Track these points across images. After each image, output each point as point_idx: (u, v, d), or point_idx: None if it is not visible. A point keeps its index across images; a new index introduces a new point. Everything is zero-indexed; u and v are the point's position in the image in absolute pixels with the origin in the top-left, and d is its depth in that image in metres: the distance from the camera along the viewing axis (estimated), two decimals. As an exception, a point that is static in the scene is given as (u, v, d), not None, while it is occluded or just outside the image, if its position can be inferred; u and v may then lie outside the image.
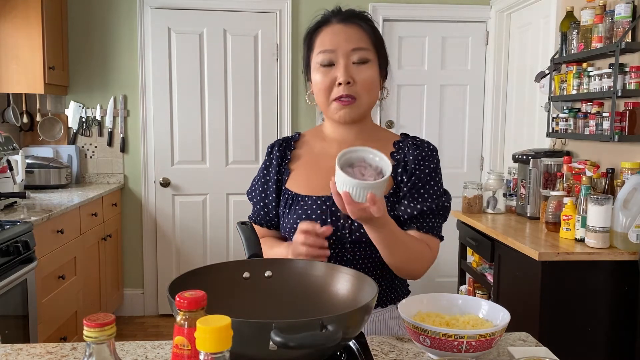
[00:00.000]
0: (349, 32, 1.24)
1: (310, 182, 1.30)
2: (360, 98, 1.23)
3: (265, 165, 1.36)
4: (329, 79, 1.23)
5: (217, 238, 4.00)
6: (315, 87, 1.26)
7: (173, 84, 3.86)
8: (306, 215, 1.25)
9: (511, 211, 2.99)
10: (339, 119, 1.26)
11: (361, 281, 1.01)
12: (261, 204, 1.35)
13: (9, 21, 3.29)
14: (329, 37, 1.24)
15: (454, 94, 4.09)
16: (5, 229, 2.25)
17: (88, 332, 0.67)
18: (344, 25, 1.25)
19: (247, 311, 0.98)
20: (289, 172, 1.33)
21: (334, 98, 1.24)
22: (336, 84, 1.22)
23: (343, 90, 1.22)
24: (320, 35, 1.26)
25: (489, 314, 1.09)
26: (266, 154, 1.38)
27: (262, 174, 1.36)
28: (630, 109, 2.44)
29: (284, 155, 1.35)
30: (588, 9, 2.64)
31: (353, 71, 1.22)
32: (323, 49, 1.23)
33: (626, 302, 2.19)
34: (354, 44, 1.22)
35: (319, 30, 1.27)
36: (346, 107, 1.23)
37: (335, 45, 1.22)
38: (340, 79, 1.21)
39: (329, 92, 1.24)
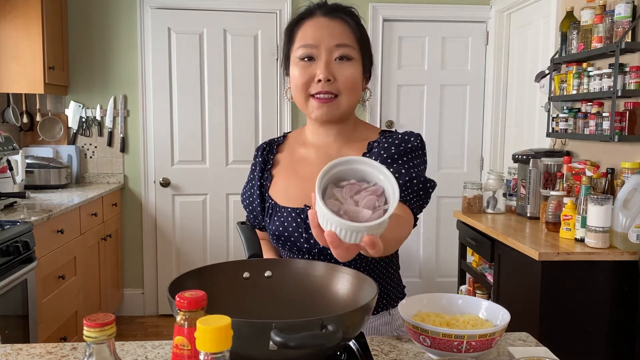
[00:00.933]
0: (332, 27, 1.17)
1: (287, 190, 1.25)
2: (340, 96, 1.16)
3: (251, 169, 1.34)
4: (308, 74, 1.16)
5: (217, 238, 4.00)
6: (293, 82, 1.19)
7: (173, 84, 3.86)
8: (283, 228, 1.20)
9: (511, 211, 2.99)
10: (316, 118, 1.19)
11: (361, 281, 1.01)
12: (249, 208, 1.34)
13: (9, 21, 3.29)
14: (312, 31, 1.17)
15: (454, 94, 4.09)
16: (5, 229, 2.25)
17: (88, 332, 0.67)
18: (329, 20, 1.17)
19: (247, 311, 0.99)
20: (271, 178, 1.29)
21: (311, 93, 1.17)
22: (315, 80, 1.15)
23: (322, 87, 1.15)
24: (302, 28, 1.19)
25: (489, 314, 1.09)
26: (254, 157, 1.35)
27: (249, 179, 1.35)
28: (630, 109, 2.44)
29: (266, 159, 1.31)
30: (588, 9, 2.64)
31: (334, 68, 1.15)
32: (304, 43, 1.16)
33: (626, 302, 2.19)
34: (338, 39, 1.15)
35: (301, 23, 1.20)
36: (325, 104, 1.16)
37: (318, 40, 1.15)
38: (320, 75, 1.14)
39: (306, 88, 1.17)
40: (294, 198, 1.22)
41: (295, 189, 1.24)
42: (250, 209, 1.34)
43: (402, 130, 1.29)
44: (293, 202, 1.22)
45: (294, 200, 1.22)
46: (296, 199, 1.22)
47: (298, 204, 1.21)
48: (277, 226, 1.22)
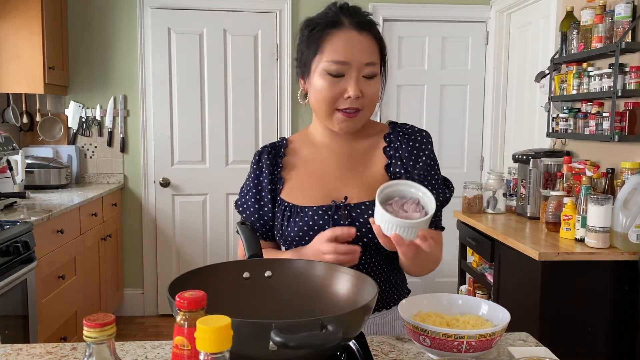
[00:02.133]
0: (363, 43, 1.18)
1: (306, 191, 1.26)
2: (364, 110, 1.20)
3: (255, 174, 1.30)
4: (337, 89, 1.18)
5: (217, 238, 4.00)
6: (319, 94, 1.20)
7: (173, 84, 3.86)
8: (308, 227, 1.21)
9: (511, 211, 2.99)
10: (340, 130, 1.23)
11: (361, 281, 1.01)
12: (256, 215, 1.28)
13: (9, 21, 3.29)
14: (344, 46, 1.17)
15: (454, 94, 4.09)
16: (5, 229, 2.25)
17: (88, 332, 0.67)
18: (358, 34, 1.18)
19: (247, 311, 0.98)
20: (282, 181, 1.28)
21: (339, 108, 1.19)
22: (344, 97, 1.17)
23: (351, 103, 1.17)
24: (332, 40, 1.18)
25: (489, 314, 1.09)
26: (254, 162, 1.31)
27: (252, 184, 1.30)
28: (630, 109, 2.44)
29: (274, 163, 1.29)
30: (588, 9, 2.64)
31: (362, 85, 1.18)
32: (336, 59, 1.17)
33: (626, 302, 2.19)
34: (368, 58, 1.18)
35: (330, 33, 1.18)
36: (350, 119, 1.20)
37: (350, 58, 1.16)
38: (351, 93, 1.16)
39: (334, 102, 1.19)
40: (316, 197, 1.24)
41: (314, 189, 1.25)
42: (257, 216, 1.29)
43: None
44: (316, 201, 1.24)
45: (316, 199, 1.24)
46: (318, 198, 1.24)
47: (322, 201, 1.23)
48: (300, 227, 1.22)
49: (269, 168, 1.28)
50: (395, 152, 1.26)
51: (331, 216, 1.21)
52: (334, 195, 1.23)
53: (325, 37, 1.19)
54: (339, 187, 1.25)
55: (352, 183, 1.25)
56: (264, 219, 1.28)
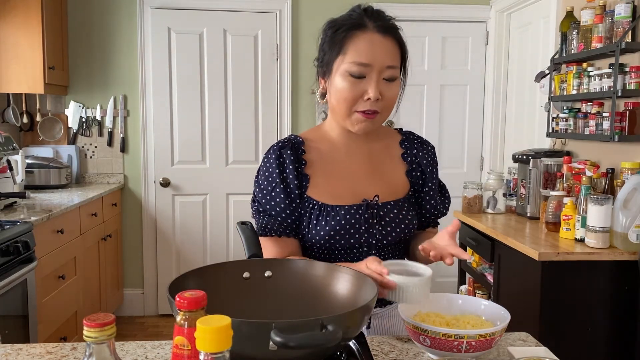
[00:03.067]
0: (386, 46, 1.20)
1: (335, 190, 1.26)
2: (382, 112, 1.22)
3: (278, 170, 1.25)
4: (358, 91, 1.19)
5: (217, 238, 4.00)
6: (339, 94, 1.21)
7: (173, 84, 3.86)
8: (340, 226, 1.22)
9: (511, 211, 2.99)
10: (357, 131, 1.24)
11: (361, 281, 1.01)
12: (287, 211, 1.24)
13: (9, 21, 3.29)
14: (367, 48, 1.19)
15: (454, 94, 4.09)
16: (5, 229, 2.25)
17: (88, 332, 0.67)
18: (382, 37, 1.20)
19: (247, 311, 0.99)
20: (308, 178, 1.26)
21: (358, 110, 1.20)
22: (364, 98, 1.19)
23: (370, 105, 1.19)
24: (355, 41, 1.19)
25: (489, 314, 1.09)
26: (274, 158, 1.26)
27: (278, 180, 1.25)
28: (630, 109, 2.44)
29: (297, 159, 1.27)
30: (588, 9, 2.64)
31: (383, 87, 1.20)
32: (359, 61, 1.18)
33: (626, 302, 2.19)
34: (389, 61, 1.20)
35: (353, 34, 1.20)
36: (368, 120, 1.21)
37: (372, 60, 1.18)
38: (371, 95, 1.18)
39: (354, 103, 1.20)
40: (345, 196, 1.26)
41: (343, 188, 1.27)
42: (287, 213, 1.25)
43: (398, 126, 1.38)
44: (346, 200, 1.26)
45: (346, 198, 1.26)
46: (348, 197, 1.26)
47: (352, 200, 1.26)
48: (333, 226, 1.23)
49: (293, 164, 1.26)
50: (413, 160, 1.35)
51: (362, 215, 1.24)
52: (363, 194, 1.27)
53: (349, 39, 1.20)
54: (367, 187, 1.28)
55: (378, 183, 1.30)
56: (295, 216, 1.25)
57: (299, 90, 3.93)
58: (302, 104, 3.95)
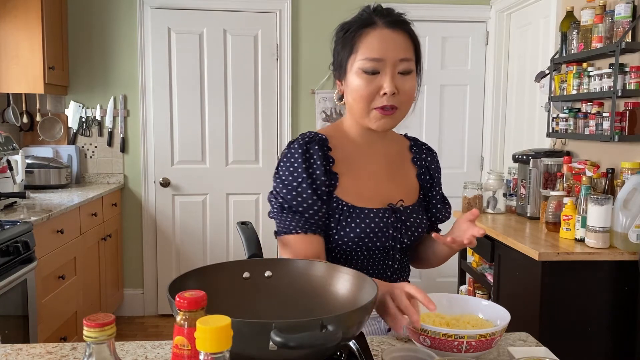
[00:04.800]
0: (397, 40, 1.19)
1: (361, 191, 1.25)
2: (401, 108, 1.21)
3: (305, 165, 1.21)
4: (373, 87, 1.18)
5: (217, 238, 4.01)
6: (355, 92, 1.20)
7: (173, 84, 3.86)
8: (370, 229, 1.22)
9: (511, 211, 2.99)
10: (377, 128, 1.22)
11: (361, 281, 1.01)
12: (314, 207, 1.20)
13: (9, 21, 3.29)
14: (377, 44, 1.18)
15: (454, 94, 4.09)
16: (5, 229, 2.25)
17: (88, 332, 0.67)
18: (392, 31, 1.19)
19: (247, 311, 0.98)
20: (337, 177, 1.24)
21: (375, 107, 1.19)
22: (380, 94, 1.18)
23: (387, 100, 1.18)
24: (366, 39, 1.19)
25: (489, 314, 1.09)
26: (299, 153, 1.22)
27: (305, 175, 1.21)
28: (630, 109, 2.44)
29: (325, 156, 1.24)
30: (588, 9, 2.64)
31: (398, 82, 1.18)
32: (371, 56, 1.18)
33: (626, 302, 2.19)
34: (402, 54, 1.19)
35: (363, 32, 1.20)
36: (387, 117, 1.20)
37: (384, 54, 1.17)
38: (386, 89, 1.17)
39: (370, 100, 1.19)
40: (373, 199, 1.26)
41: (369, 190, 1.27)
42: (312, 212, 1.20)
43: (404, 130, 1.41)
44: (373, 203, 1.26)
45: (373, 201, 1.26)
46: (375, 200, 1.26)
47: (379, 204, 1.26)
48: (363, 228, 1.22)
49: (321, 160, 1.22)
50: (422, 164, 1.37)
51: (388, 219, 1.25)
52: (387, 197, 1.27)
53: (359, 37, 1.20)
54: (389, 189, 1.29)
55: (398, 186, 1.31)
56: (322, 212, 1.21)
57: (299, 90, 3.93)
58: (302, 104, 3.95)
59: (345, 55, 1.23)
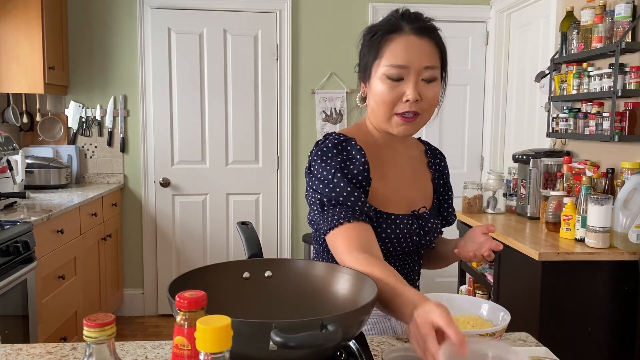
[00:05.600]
0: (423, 48, 1.18)
1: (387, 196, 1.25)
2: (423, 115, 1.21)
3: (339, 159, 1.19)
4: (396, 93, 1.18)
5: (217, 238, 4.00)
6: (379, 98, 1.20)
7: (173, 84, 3.86)
8: (394, 235, 1.23)
9: (511, 211, 2.99)
10: (397, 134, 1.22)
11: (361, 281, 1.01)
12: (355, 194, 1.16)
13: (9, 21, 3.28)
14: (403, 50, 1.17)
15: (454, 94, 4.08)
16: (5, 229, 2.25)
17: (88, 332, 0.67)
18: (418, 38, 1.18)
19: (247, 311, 0.99)
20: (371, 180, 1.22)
21: (397, 112, 1.19)
22: (403, 100, 1.18)
23: (409, 107, 1.17)
24: (392, 45, 1.19)
25: (489, 314, 1.09)
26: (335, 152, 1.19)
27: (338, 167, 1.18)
28: (630, 109, 2.44)
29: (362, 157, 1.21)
30: (588, 9, 2.64)
31: (422, 89, 1.18)
32: (396, 63, 1.17)
33: (626, 302, 2.19)
34: (427, 61, 1.18)
35: (389, 38, 1.19)
36: (408, 123, 1.20)
37: (409, 62, 1.17)
38: (409, 96, 1.16)
39: (393, 105, 1.19)
40: (399, 205, 1.27)
41: (392, 194, 1.27)
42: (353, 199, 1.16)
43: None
44: (400, 209, 1.27)
45: (399, 207, 1.27)
46: (401, 206, 1.27)
47: (404, 210, 1.27)
48: (388, 234, 1.23)
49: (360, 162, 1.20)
50: (436, 168, 1.39)
51: (412, 225, 1.26)
52: (410, 203, 1.29)
53: (385, 42, 1.20)
54: (413, 194, 1.30)
55: (419, 190, 1.33)
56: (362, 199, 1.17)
57: (299, 90, 3.93)
58: (302, 104, 3.95)
59: (371, 60, 1.22)
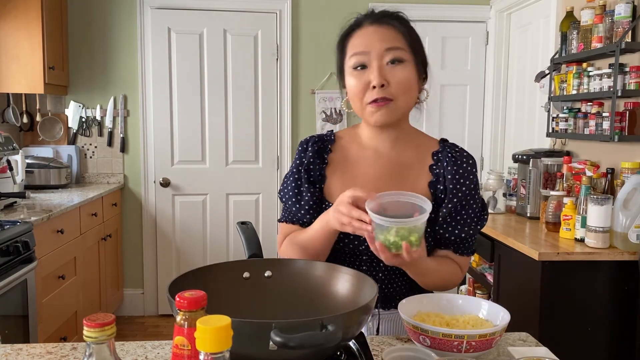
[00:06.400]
0: (382, 33, 1.18)
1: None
2: (396, 100, 1.17)
3: (299, 161, 1.29)
4: (362, 82, 1.17)
5: (217, 238, 4.00)
6: (350, 92, 1.21)
7: (173, 84, 3.86)
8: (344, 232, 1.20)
9: (511, 211, 2.99)
10: (374, 123, 1.20)
11: (361, 281, 1.01)
12: (293, 199, 1.27)
13: (9, 21, 3.29)
14: (362, 39, 1.19)
15: (454, 94, 4.09)
16: (5, 229, 2.25)
17: (88, 332, 0.67)
18: (377, 26, 1.19)
19: (247, 311, 0.99)
20: (325, 178, 1.26)
21: (368, 102, 1.18)
22: (370, 87, 1.16)
23: (377, 93, 1.16)
24: (352, 39, 1.21)
25: (489, 314, 1.09)
26: (300, 151, 1.30)
27: (294, 171, 1.28)
28: (630, 109, 2.44)
29: (319, 156, 1.27)
30: (588, 9, 2.64)
31: (387, 72, 1.16)
32: (355, 51, 1.18)
33: (626, 302, 2.19)
34: (388, 43, 1.17)
35: (351, 34, 1.22)
36: (381, 108, 1.17)
37: (368, 47, 1.17)
38: (373, 81, 1.15)
39: (363, 95, 1.18)
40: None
41: None
42: (293, 201, 1.27)
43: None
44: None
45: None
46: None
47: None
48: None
49: (315, 159, 1.27)
50: (442, 172, 1.25)
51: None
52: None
53: (348, 39, 1.23)
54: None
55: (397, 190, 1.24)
56: (300, 204, 1.26)
57: (299, 90, 3.93)
58: (302, 104, 3.95)
59: (340, 59, 1.25)
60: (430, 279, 1.21)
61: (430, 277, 1.20)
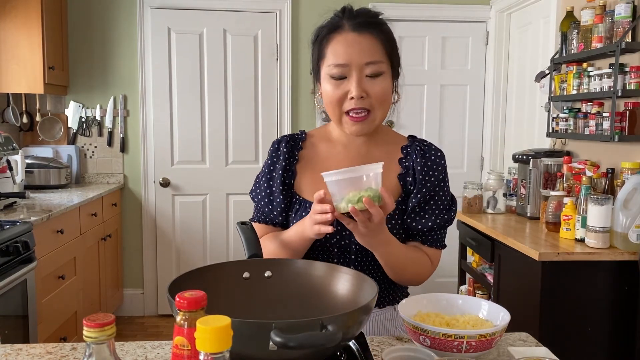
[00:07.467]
0: (362, 44, 1.18)
1: (317, 187, 1.24)
2: (374, 111, 1.20)
3: (270, 161, 1.32)
4: (340, 91, 1.19)
5: (217, 238, 4.00)
6: (326, 97, 1.22)
7: (173, 84, 3.86)
8: None
9: (511, 211, 2.99)
10: (352, 133, 1.23)
11: (361, 281, 1.01)
12: (266, 200, 1.30)
13: (9, 21, 3.28)
14: (342, 49, 1.18)
15: (454, 94, 4.09)
16: (5, 229, 2.25)
17: (88, 332, 0.67)
18: (358, 35, 1.19)
19: (247, 311, 0.99)
20: (296, 174, 1.30)
21: (345, 111, 1.20)
22: (348, 98, 1.18)
23: (355, 103, 1.18)
24: (332, 44, 1.21)
25: (489, 314, 1.09)
26: (272, 151, 1.33)
27: (267, 171, 1.32)
28: (630, 109, 2.44)
29: (291, 154, 1.31)
30: (588, 9, 2.64)
31: (366, 85, 1.18)
32: (335, 62, 1.18)
33: (626, 302, 2.19)
34: (368, 57, 1.17)
35: (330, 37, 1.21)
36: (359, 122, 1.20)
37: (349, 59, 1.17)
38: (353, 93, 1.17)
39: (340, 104, 1.20)
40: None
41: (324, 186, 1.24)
42: (266, 201, 1.30)
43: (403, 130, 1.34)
44: None
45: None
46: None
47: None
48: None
49: (285, 157, 1.30)
50: (411, 165, 1.28)
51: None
52: None
53: (327, 43, 1.22)
54: None
55: None
56: (273, 205, 1.30)
57: (299, 90, 3.93)
58: (302, 104, 3.95)
59: (316, 61, 1.25)
60: (400, 268, 1.22)
61: (401, 266, 1.22)
